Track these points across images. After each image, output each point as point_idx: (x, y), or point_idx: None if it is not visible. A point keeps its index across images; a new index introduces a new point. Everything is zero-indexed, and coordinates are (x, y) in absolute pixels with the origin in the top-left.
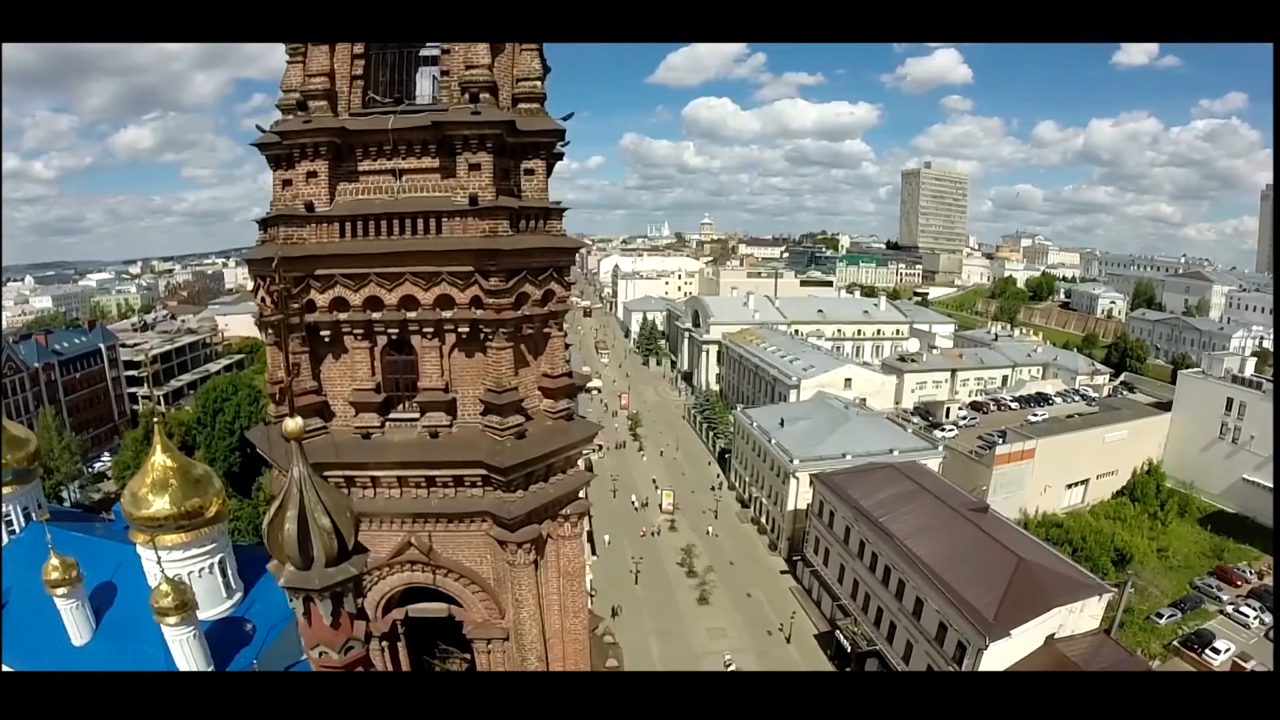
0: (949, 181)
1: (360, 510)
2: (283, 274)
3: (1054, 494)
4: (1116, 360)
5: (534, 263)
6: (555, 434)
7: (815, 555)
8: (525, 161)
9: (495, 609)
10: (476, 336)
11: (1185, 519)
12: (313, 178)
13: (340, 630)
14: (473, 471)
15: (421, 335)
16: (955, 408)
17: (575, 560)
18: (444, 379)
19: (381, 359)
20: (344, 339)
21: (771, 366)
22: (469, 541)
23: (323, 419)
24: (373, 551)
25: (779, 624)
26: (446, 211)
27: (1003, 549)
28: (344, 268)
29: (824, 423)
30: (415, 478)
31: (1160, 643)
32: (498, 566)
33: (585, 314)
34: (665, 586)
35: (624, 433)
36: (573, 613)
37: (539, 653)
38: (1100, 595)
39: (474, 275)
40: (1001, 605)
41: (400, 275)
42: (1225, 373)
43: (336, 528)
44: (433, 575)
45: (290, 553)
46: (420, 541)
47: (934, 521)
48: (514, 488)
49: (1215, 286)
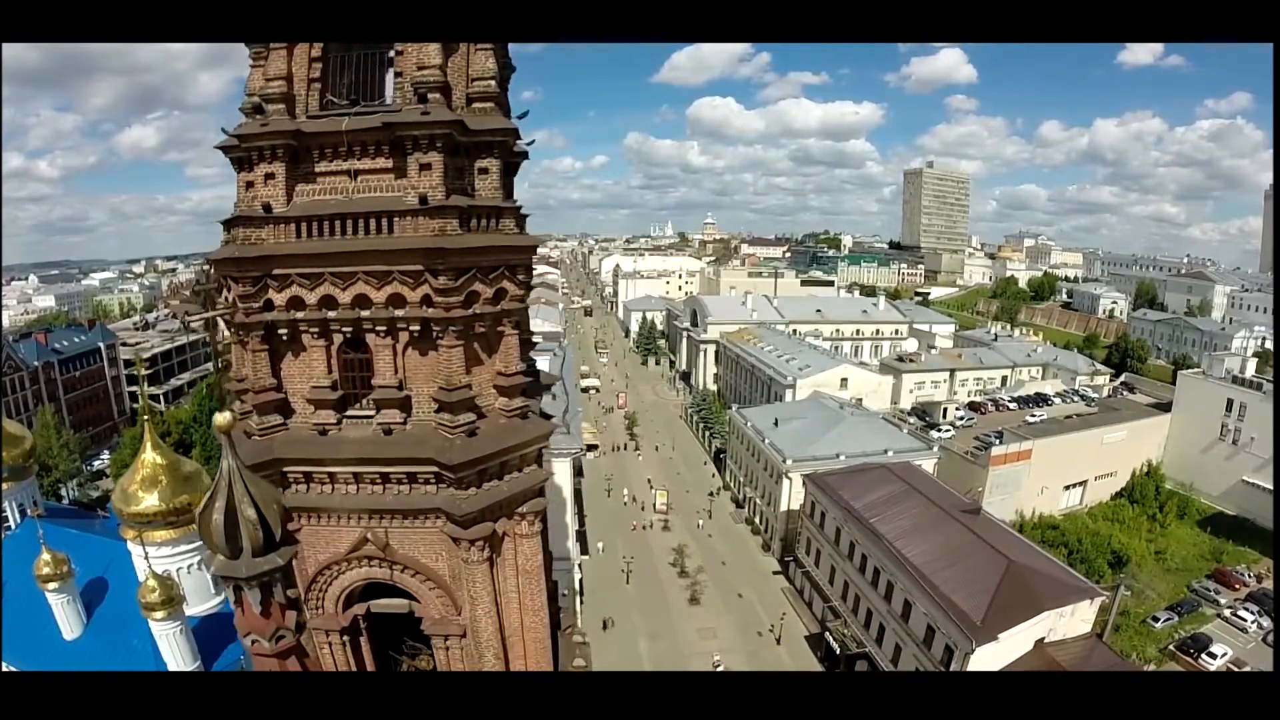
0: (951, 181)
1: (318, 506)
2: (237, 275)
3: (1051, 495)
4: (1117, 361)
5: (484, 261)
6: (509, 432)
7: (807, 556)
8: (479, 161)
9: (452, 605)
10: (428, 335)
11: (1184, 521)
12: (270, 179)
13: (271, 619)
14: (425, 468)
15: (375, 334)
16: (953, 408)
17: (533, 559)
18: (398, 377)
19: (338, 357)
20: (301, 337)
21: (767, 366)
22: (424, 538)
23: (282, 416)
24: (331, 547)
25: (770, 625)
26: (398, 211)
27: (993, 551)
28: (299, 267)
29: (818, 423)
30: (370, 474)
31: (1156, 647)
32: (453, 563)
33: (586, 314)
34: (657, 586)
35: (621, 434)
36: (532, 611)
37: (496, 650)
38: (1092, 599)
39: (424, 274)
40: (990, 608)
41: (354, 274)
42: (1226, 373)
43: (264, 519)
44: (390, 571)
45: (218, 542)
46: (377, 537)
47: (924, 523)
48: (466, 485)
49: (1217, 287)
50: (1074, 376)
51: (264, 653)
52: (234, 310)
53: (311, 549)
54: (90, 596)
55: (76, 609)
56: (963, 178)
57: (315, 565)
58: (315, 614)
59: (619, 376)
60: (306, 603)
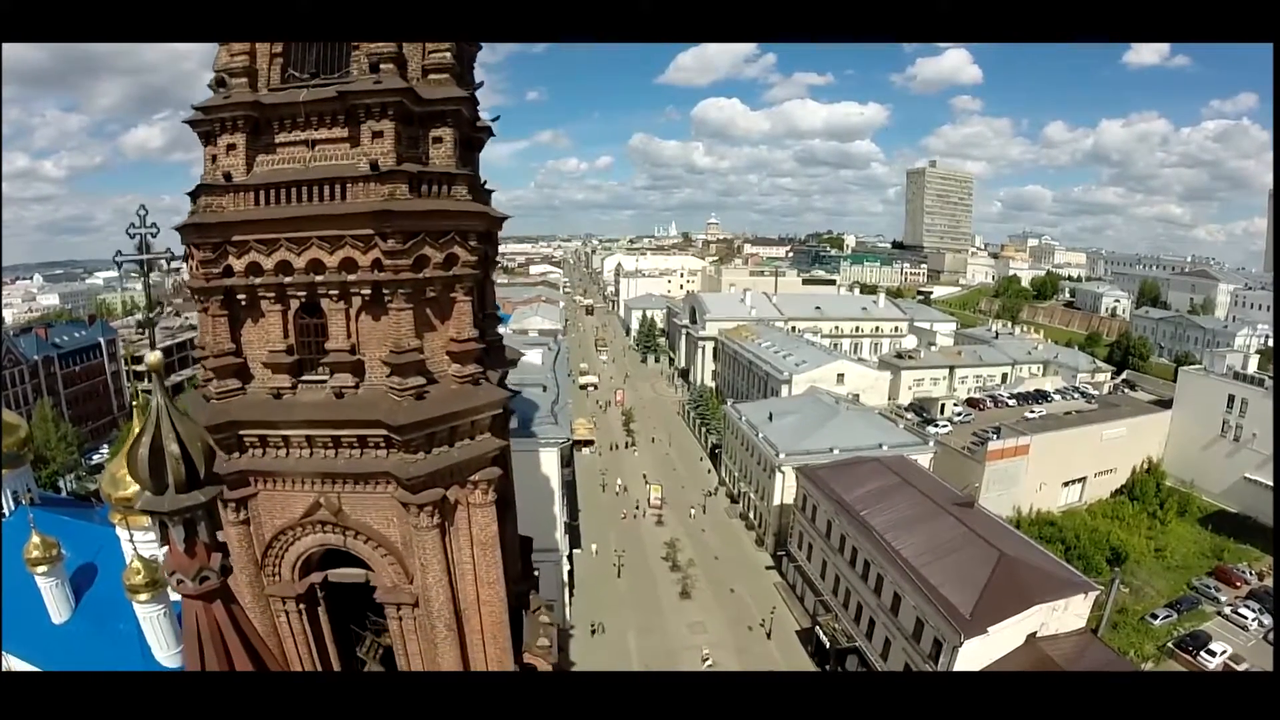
0: (954, 180)
1: (273, 469)
2: (198, 241)
3: (1050, 492)
4: (1119, 358)
5: (434, 225)
6: (459, 398)
7: (799, 550)
8: (433, 130)
9: (404, 574)
10: (380, 299)
11: (1185, 518)
12: (232, 150)
13: (195, 559)
14: (375, 432)
15: (329, 298)
16: (951, 404)
17: (487, 529)
18: (350, 341)
19: (294, 323)
20: (259, 303)
21: (764, 362)
22: (376, 504)
23: (241, 381)
24: (286, 512)
25: (760, 619)
26: (350, 177)
27: (984, 544)
28: (257, 233)
29: (813, 417)
30: (322, 438)
31: (1154, 644)
32: (405, 530)
33: (588, 312)
34: (648, 580)
35: (618, 431)
36: (488, 584)
37: (448, 620)
38: (1086, 593)
39: (374, 238)
40: (979, 602)
41: (308, 240)
42: (1227, 370)
43: (188, 456)
44: (343, 537)
45: (143, 476)
46: (330, 502)
47: (916, 516)
48: (415, 449)
49: (1221, 285)
50: (1075, 374)
51: (189, 593)
52: (195, 276)
53: (267, 514)
54: (79, 581)
55: (65, 593)
56: (966, 177)
57: (271, 530)
58: (272, 580)
59: (618, 374)
60: (264, 569)
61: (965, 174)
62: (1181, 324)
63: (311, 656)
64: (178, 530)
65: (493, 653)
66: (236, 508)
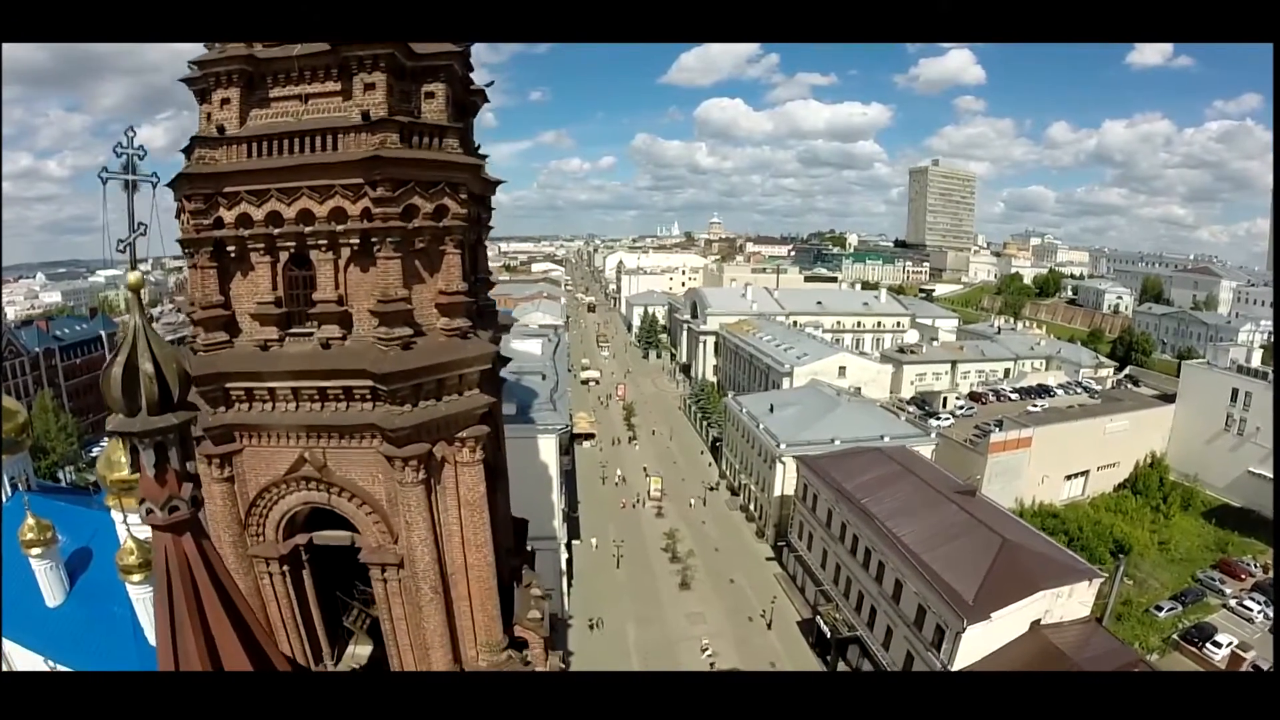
0: (957, 179)
1: (258, 423)
2: (190, 192)
3: (1052, 485)
4: (1122, 354)
5: (424, 175)
6: (446, 349)
7: (800, 540)
8: (426, 85)
9: (389, 533)
10: (368, 250)
11: (1189, 512)
12: (226, 104)
13: (165, 487)
14: (361, 383)
15: (318, 249)
16: (953, 398)
17: (475, 489)
18: (338, 292)
19: (283, 275)
20: (249, 255)
21: (765, 355)
22: (361, 459)
23: (228, 334)
24: (271, 468)
25: (761, 610)
26: (342, 128)
27: (987, 530)
28: (249, 184)
29: (814, 409)
30: (308, 390)
31: (1159, 636)
32: (390, 488)
33: (589, 310)
34: (647, 571)
35: (619, 426)
36: (475, 546)
37: (434, 583)
38: (1090, 580)
39: (364, 187)
40: (982, 588)
41: (298, 190)
42: (1231, 363)
43: (162, 377)
44: (328, 495)
45: (115, 396)
46: (315, 457)
47: (917, 503)
48: (400, 400)
49: (1224, 282)
50: (1077, 369)
51: (158, 523)
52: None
53: (252, 470)
54: (74, 566)
55: (60, 576)
56: (968, 175)
57: (255, 487)
58: (255, 541)
59: (619, 369)
60: (247, 529)
61: (968, 172)
62: (1184, 320)
63: (295, 621)
64: (148, 455)
65: (480, 620)
66: (220, 464)
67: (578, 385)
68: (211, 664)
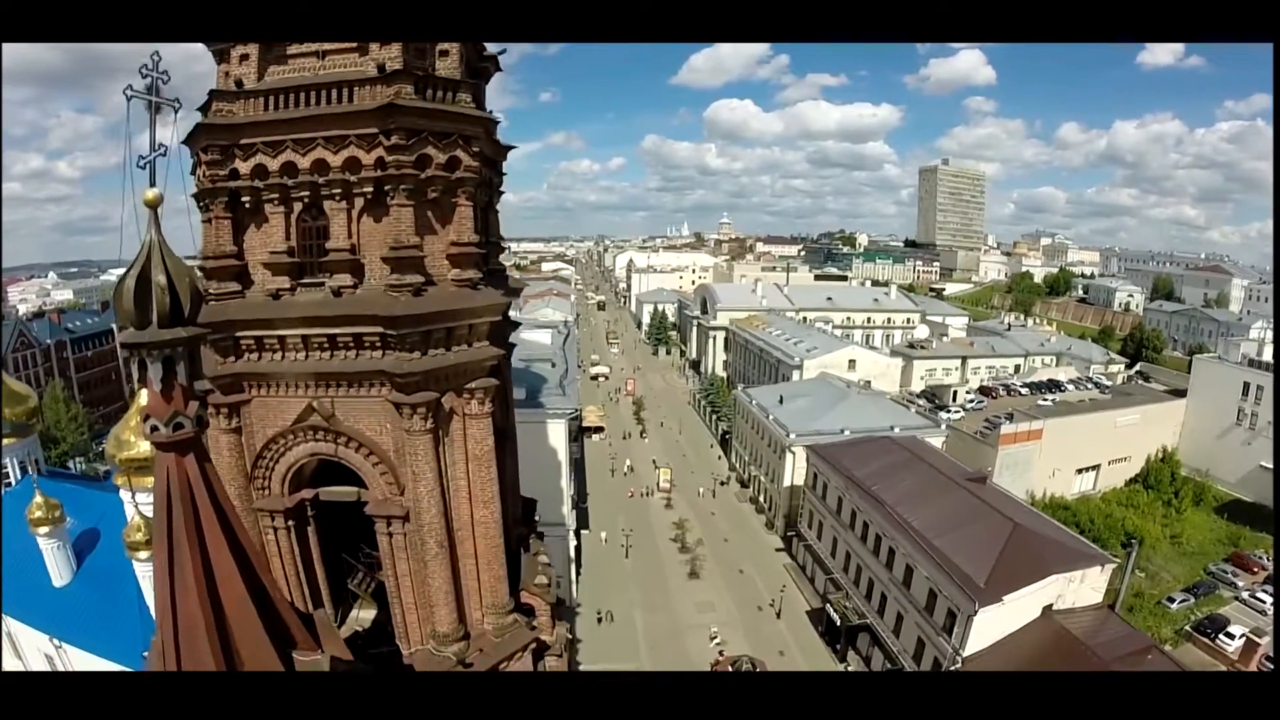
0: (967, 178)
1: (268, 372)
2: (207, 143)
3: (1063, 479)
4: (1132, 352)
5: (437, 126)
6: (456, 299)
7: (809, 530)
8: (440, 43)
9: (395, 485)
10: (381, 200)
11: (1201, 507)
12: (245, 60)
13: (171, 403)
14: (371, 330)
15: (332, 199)
16: (963, 391)
17: (484, 443)
18: (350, 241)
19: (296, 226)
20: (263, 207)
21: (775, 349)
22: (369, 409)
23: (240, 284)
24: (279, 418)
25: (770, 599)
26: (358, 80)
27: (998, 515)
28: (265, 135)
29: (824, 400)
30: (318, 338)
31: (1172, 627)
32: (397, 438)
33: (599, 308)
34: (656, 560)
35: (629, 421)
36: (483, 503)
37: (439, 536)
38: (1103, 565)
39: (378, 136)
40: (994, 571)
41: (313, 140)
42: (1242, 358)
43: (174, 290)
44: (334, 445)
45: (127, 308)
46: (323, 407)
47: (928, 490)
48: (410, 347)
49: (1235, 280)
50: (1088, 365)
51: (162, 441)
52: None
53: (259, 421)
54: (82, 547)
55: (67, 556)
56: (978, 175)
57: (263, 438)
58: (261, 494)
59: (628, 366)
60: (253, 481)
61: (977, 172)
62: (1196, 317)
63: (299, 579)
64: (156, 368)
65: (486, 580)
66: (229, 414)
67: (587, 381)
68: (207, 588)
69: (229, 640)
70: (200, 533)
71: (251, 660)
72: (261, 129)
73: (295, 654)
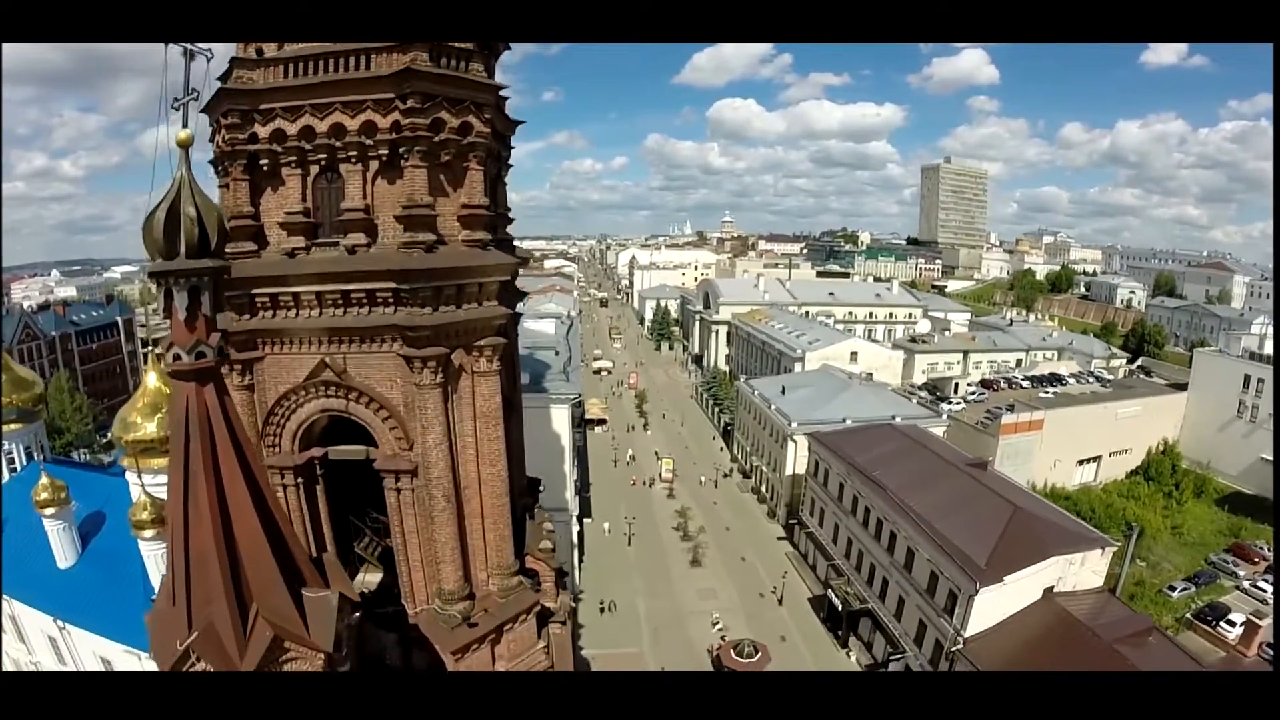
0: (969, 176)
1: (282, 328)
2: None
3: (1064, 470)
4: (1134, 347)
5: (450, 91)
6: (467, 257)
7: (811, 517)
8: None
9: (405, 440)
10: (395, 162)
11: (1201, 499)
12: None
13: (195, 332)
14: (384, 286)
15: (348, 161)
16: (964, 384)
17: (491, 400)
18: (365, 202)
19: (313, 188)
20: (281, 170)
21: (777, 341)
22: (380, 364)
23: (256, 245)
24: (291, 375)
25: (772, 587)
26: (374, 48)
27: (999, 498)
28: (284, 100)
29: (826, 390)
30: (332, 294)
31: (1173, 615)
32: (407, 392)
33: (601, 304)
34: (658, 548)
35: (632, 414)
36: (489, 461)
37: (446, 490)
38: (1103, 548)
39: (394, 101)
40: (994, 552)
41: (331, 105)
42: (1243, 351)
43: (203, 223)
44: (345, 401)
45: (156, 238)
46: (335, 362)
47: (929, 474)
48: (422, 303)
49: (1237, 277)
50: (1090, 360)
51: (183, 369)
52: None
53: (272, 378)
54: (87, 530)
55: (72, 537)
56: (980, 172)
57: (275, 394)
58: (272, 451)
59: (631, 360)
60: (264, 438)
61: (979, 170)
62: (1197, 313)
63: (307, 537)
64: (182, 297)
65: (492, 540)
66: (242, 371)
67: (589, 375)
68: (221, 519)
69: (239, 572)
70: (216, 463)
71: (261, 595)
72: (281, 94)
73: (304, 591)
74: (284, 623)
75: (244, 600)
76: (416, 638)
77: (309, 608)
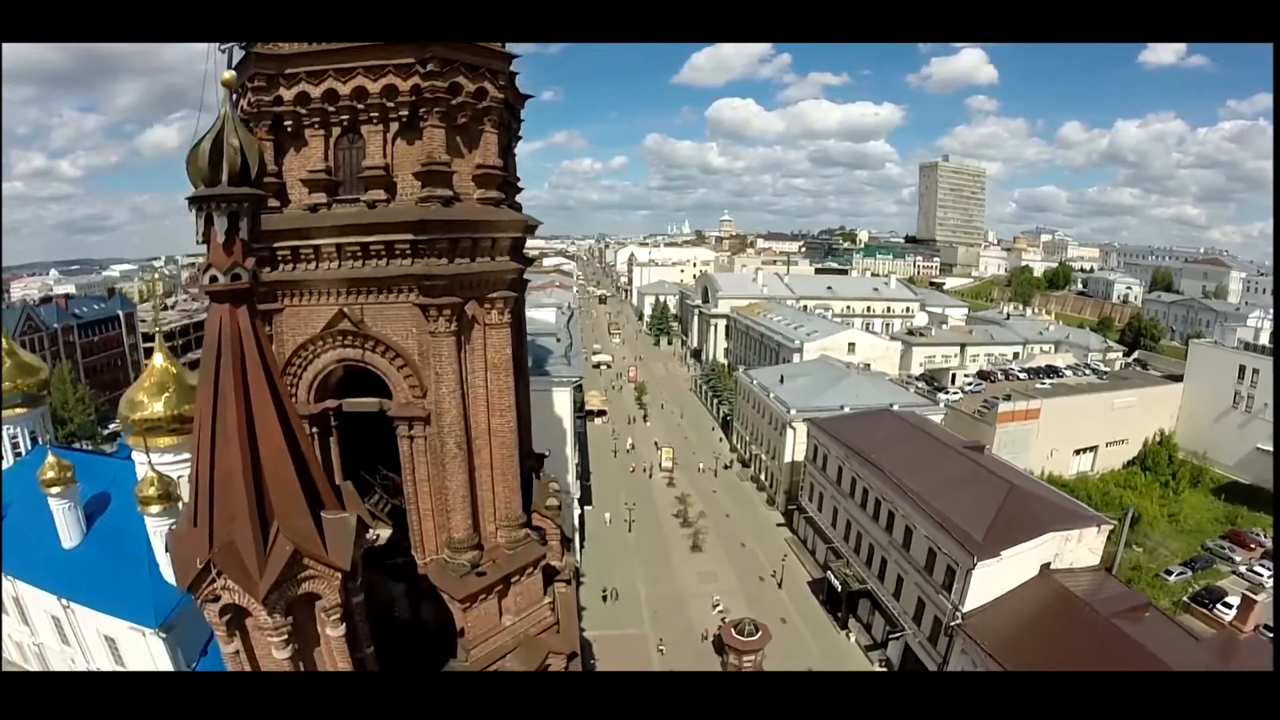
0: (967, 174)
1: (302, 279)
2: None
3: (1061, 459)
4: (1130, 341)
5: (467, 58)
6: (481, 213)
7: (810, 502)
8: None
9: (419, 387)
10: (415, 124)
11: (1198, 489)
12: None
13: (232, 256)
14: (402, 237)
15: (369, 122)
16: (962, 375)
17: (502, 351)
18: (385, 160)
19: (334, 148)
20: (305, 131)
21: (776, 333)
22: (396, 315)
23: (280, 201)
24: (309, 325)
25: (771, 571)
26: None
27: (995, 477)
28: (308, 65)
29: (824, 379)
30: (352, 246)
31: (1170, 599)
32: (422, 341)
33: (600, 301)
34: (659, 535)
35: (632, 407)
36: (499, 412)
37: (458, 438)
38: (1099, 526)
39: (414, 66)
40: (991, 528)
41: (354, 69)
42: (1239, 342)
43: (244, 154)
44: (361, 350)
45: (201, 166)
46: (352, 313)
47: (927, 456)
48: (438, 254)
49: (1233, 273)
50: (1086, 353)
51: (220, 288)
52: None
53: (291, 330)
54: (92, 511)
55: (77, 517)
56: (978, 171)
57: (293, 345)
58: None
59: (630, 355)
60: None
61: (977, 168)
62: (1194, 308)
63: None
64: (222, 221)
65: (501, 491)
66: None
67: (589, 369)
68: (249, 438)
69: (263, 491)
70: (245, 384)
71: (283, 515)
72: (305, 59)
73: (324, 514)
74: (304, 542)
75: (265, 520)
76: (426, 588)
77: (328, 529)
